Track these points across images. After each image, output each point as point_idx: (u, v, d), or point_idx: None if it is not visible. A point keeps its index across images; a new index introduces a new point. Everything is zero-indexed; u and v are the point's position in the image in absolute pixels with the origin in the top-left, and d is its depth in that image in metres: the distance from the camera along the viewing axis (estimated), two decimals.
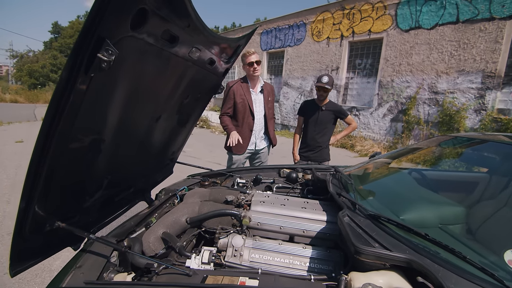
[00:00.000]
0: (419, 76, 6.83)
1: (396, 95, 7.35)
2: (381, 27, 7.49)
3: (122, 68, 0.86)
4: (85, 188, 1.10)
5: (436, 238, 0.87)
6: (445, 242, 0.86)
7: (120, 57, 0.82)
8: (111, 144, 1.12)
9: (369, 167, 1.87)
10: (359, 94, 8.52)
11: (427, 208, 1.18)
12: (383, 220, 1.01)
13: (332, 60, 8.91)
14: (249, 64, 2.47)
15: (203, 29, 1.11)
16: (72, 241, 1.13)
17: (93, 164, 1.05)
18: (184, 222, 1.22)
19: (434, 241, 0.83)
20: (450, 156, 1.95)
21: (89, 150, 0.96)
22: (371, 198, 1.29)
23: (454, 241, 1.03)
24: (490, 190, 1.48)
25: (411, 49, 6.90)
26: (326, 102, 2.87)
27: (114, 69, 0.83)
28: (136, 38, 0.82)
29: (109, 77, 0.82)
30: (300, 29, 9.90)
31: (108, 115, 0.95)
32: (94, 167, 1.07)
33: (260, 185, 1.89)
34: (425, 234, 0.84)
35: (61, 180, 0.90)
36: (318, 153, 2.88)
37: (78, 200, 1.08)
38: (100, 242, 0.95)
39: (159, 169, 1.88)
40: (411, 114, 7.01)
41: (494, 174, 1.57)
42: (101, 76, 0.78)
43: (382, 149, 7.45)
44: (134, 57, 0.88)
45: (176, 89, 1.37)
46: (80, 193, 1.06)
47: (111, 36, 0.69)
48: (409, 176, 1.65)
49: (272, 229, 1.20)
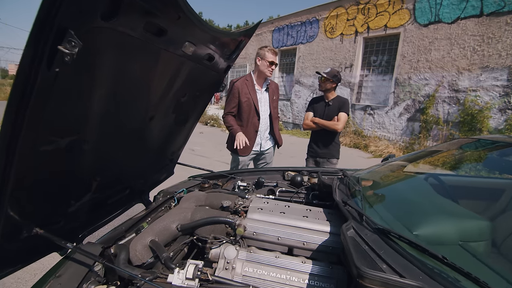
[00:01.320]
0: (438, 73, 6.47)
1: (413, 93, 7.01)
2: (398, 22, 7.15)
3: (98, 63, 0.78)
4: (70, 192, 1.03)
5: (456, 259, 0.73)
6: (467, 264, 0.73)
7: (92, 50, 0.74)
8: (97, 146, 1.05)
9: (381, 171, 1.73)
10: (374, 92, 8.21)
11: (446, 222, 1.03)
12: (393, 236, 0.88)
13: (346, 57, 8.63)
14: (270, 62, 2.40)
15: (197, 22, 1.01)
16: (58, 246, 1.07)
17: (77, 167, 0.99)
18: (174, 229, 1.14)
19: (454, 267, 0.70)
20: (472, 161, 1.77)
21: (69, 152, 0.89)
22: (382, 208, 1.16)
23: (477, 262, 0.88)
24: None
25: (430, 45, 6.55)
26: (334, 97, 2.78)
27: (87, 64, 0.75)
28: (111, 30, 0.73)
29: (82, 73, 0.75)
30: (312, 26, 9.67)
31: (88, 114, 0.88)
32: (78, 170, 1.01)
33: (262, 188, 1.79)
34: (443, 257, 0.71)
35: (37, 185, 0.84)
36: (326, 149, 2.78)
37: (62, 204, 1.01)
38: (78, 251, 0.88)
39: (158, 170, 1.81)
40: (429, 113, 6.66)
41: None
42: (71, 72, 0.70)
43: (398, 149, 7.14)
44: (112, 51, 0.80)
45: (170, 87, 1.29)
46: (63, 197, 1.00)
47: (75, 27, 0.61)
48: (426, 182, 1.49)
49: (269, 240, 1.10)
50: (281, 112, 11.35)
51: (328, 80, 2.68)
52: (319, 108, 2.81)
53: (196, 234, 1.15)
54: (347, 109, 2.73)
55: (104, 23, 0.70)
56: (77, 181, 1.05)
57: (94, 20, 0.66)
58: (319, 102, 2.85)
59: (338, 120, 2.68)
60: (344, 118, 2.69)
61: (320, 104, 2.83)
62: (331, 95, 2.77)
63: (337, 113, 2.70)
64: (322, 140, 2.78)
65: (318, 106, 2.83)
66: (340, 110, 2.70)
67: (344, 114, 2.69)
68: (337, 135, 2.79)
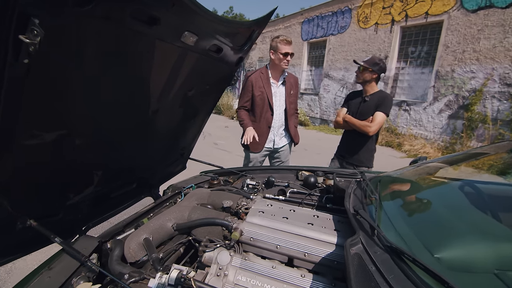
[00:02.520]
0: (487, 65, 5.74)
1: (456, 87, 6.32)
2: (441, 9, 6.45)
3: (81, 54, 0.74)
4: (67, 185, 1.03)
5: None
6: None
7: (72, 40, 0.69)
8: (95, 140, 1.03)
9: (406, 175, 1.53)
10: (411, 86, 7.57)
11: (479, 243, 0.85)
12: (407, 258, 0.74)
13: (380, 48, 8.04)
14: (284, 54, 2.22)
15: (197, 10, 0.93)
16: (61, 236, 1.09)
17: (72, 161, 0.98)
18: (170, 228, 1.09)
19: None
20: None
21: (58, 147, 0.87)
22: (401, 220, 1.00)
23: None
24: None
25: (479, 33, 5.81)
26: (374, 91, 2.28)
27: (67, 55, 0.71)
28: (90, 18, 0.68)
29: (62, 64, 0.71)
30: (344, 16, 9.14)
31: (75, 108, 0.85)
32: (74, 164, 1.00)
33: (272, 188, 1.70)
34: None
35: (26, 177, 0.84)
36: (356, 155, 2.35)
37: (59, 197, 1.02)
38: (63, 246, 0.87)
39: (168, 164, 1.80)
40: (475, 110, 5.97)
41: None
42: (48, 63, 0.67)
43: (436, 150, 6.53)
44: (96, 41, 0.75)
45: (173, 80, 1.23)
46: (59, 190, 1.00)
47: (40, 14, 0.56)
48: (460, 191, 1.28)
49: (266, 247, 1.01)
50: (309, 107, 11.02)
51: (367, 70, 2.18)
52: (354, 104, 2.35)
53: (193, 234, 1.10)
54: (387, 107, 2.20)
55: (79, 9, 0.64)
56: (75, 174, 1.05)
57: (65, 7, 0.61)
58: (356, 96, 2.39)
59: (372, 121, 2.19)
60: (380, 118, 2.16)
61: (355, 99, 2.37)
62: (370, 88, 2.27)
63: (373, 111, 2.20)
64: (352, 143, 2.36)
65: (354, 101, 2.36)
66: (378, 108, 2.19)
67: (381, 114, 2.17)
68: (370, 139, 2.29)
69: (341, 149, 2.52)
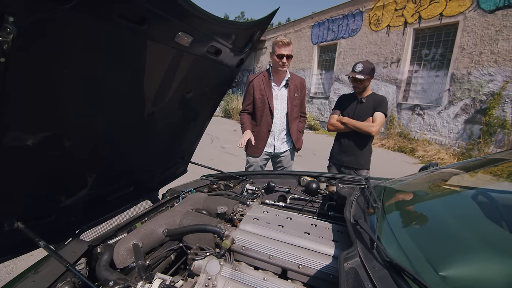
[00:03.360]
0: (507, 68, 5.48)
1: (473, 91, 6.07)
2: (456, 9, 6.24)
3: (65, 53, 0.72)
4: (58, 187, 1.02)
5: None
6: None
7: (55, 39, 0.68)
8: (86, 142, 1.02)
9: (415, 183, 1.44)
10: (425, 90, 7.34)
11: (491, 260, 0.77)
12: (407, 276, 0.67)
13: (393, 51, 7.86)
14: (278, 56, 2.14)
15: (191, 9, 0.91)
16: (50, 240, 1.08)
17: (61, 163, 0.96)
18: (161, 233, 1.06)
19: None
20: None
21: (46, 149, 0.86)
22: (404, 233, 0.93)
23: None
24: None
25: (497, 34, 5.57)
26: (368, 93, 2.33)
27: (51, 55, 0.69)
28: (70, 16, 0.66)
29: (45, 65, 0.69)
30: (355, 19, 9.01)
31: (62, 110, 0.83)
32: (64, 166, 0.99)
33: (273, 194, 1.64)
34: None
35: (12, 180, 0.82)
36: (354, 157, 2.34)
37: (49, 199, 1.00)
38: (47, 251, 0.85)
39: (168, 168, 1.78)
40: (493, 114, 5.70)
41: None
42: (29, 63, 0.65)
43: (451, 155, 6.27)
44: (82, 40, 0.74)
45: (168, 82, 1.21)
46: (49, 192, 0.99)
47: (15, 12, 0.54)
48: (472, 201, 1.18)
49: (259, 257, 0.95)
50: (319, 111, 10.89)
51: (367, 79, 2.23)
52: (350, 106, 2.36)
53: (185, 241, 1.06)
54: (385, 108, 2.25)
55: (61, 7, 0.63)
56: (67, 177, 1.03)
57: (43, 5, 0.59)
58: (350, 99, 2.41)
59: (373, 121, 2.23)
60: (381, 119, 2.22)
61: (350, 101, 2.38)
62: (365, 92, 2.33)
63: (371, 112, 2.25)
64: (351, 145, 2.33)
65: (348, 103, 2.38)
66: (376, 109, 2.24)
67: (381, 114, 2.22)
68: (370, 140, 2.33)
69: (337, 154, 2.45)
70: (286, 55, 2.13)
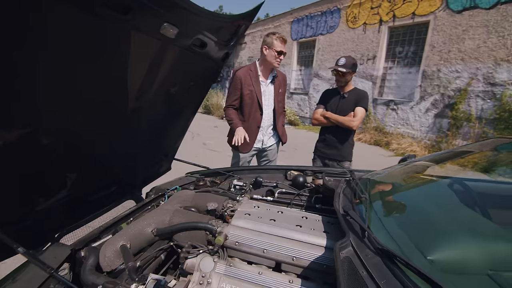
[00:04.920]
0: (472, 65, 5.88)
1: (442, 87, 6.45)
2: (427, 9, 6.57)
3: (39, 45, 0.66)
4: (35, 189, 0.95)
5: None
6: None
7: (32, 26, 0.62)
8: (65, 140, 0.95)
9: (396, 174, 1.51)
10: (399, 86, 7.68)
11: (472, 243, 0.82)
12: (399, 261, 0.70)
13: (369, 48, 8.13)
14: (279, 52, 2.15)
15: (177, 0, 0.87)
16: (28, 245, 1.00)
17: (38, 162, 0.89)
18: (150, 233, 1.02)
19: None
20: (509, 164, 1.49)
21: (22, 147, 0.79)
22: (392, 221, 0.97)
23: None
24: None
25: (464, 33, 5.94)
26: (350, 89, 2.42)
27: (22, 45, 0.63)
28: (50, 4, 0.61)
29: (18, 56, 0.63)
30: (333, 16, 9.19)
31: (38, 106, 0.77)
32: (41, 165, 0.92)
33: (260, 188, 1.64)
34: None
35: None
36: (337, 150, 2.44)
37: (25, 202, 0.93)
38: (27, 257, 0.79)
39: (151, 165, 1.72)
40: (460, 109, 6.10)
41: None
42: None
43: (423, 148, 6.65)
44: (61, 29, 0.68)
45: (153, 76, 1.16)
46: (25, 194, 0.92)
47: None
48: (449, 189, 1.26)
49: (253, 252, 0.95)
50: (299, 106, 11.04)
51: (348, 73, 2.32)
52: (332, 101, 2.45)
53: (175, 240, 1.03)
54: (366, 103, 2.35)
55: None
56: (45, 177, 0.96)
57: None
58: (333, 94, 2.49)
59: (354, 116, 2.32)
60: (362, 113, 2.31)
61: (333, 96, 2.47)
62: (347, 87, 2.41)
63: (353, 107, 2.33)
64: (334, 139, 2.44)
65: (331, 99, 2.47)
66: (357, 104, 2.32)
67: (361, 109, 2.31)
68: (351, 133, 2.44)
69: (321, 147, 2.56)
70: (284, 52, 2.17)
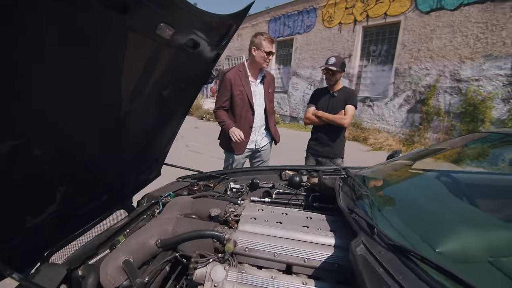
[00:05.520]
0: (440, 63, 6.28)
1: (414, 83, 6.82)
2: (398, 10, 6.90)
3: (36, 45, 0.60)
4: (23, 205, 0.86)
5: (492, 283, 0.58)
6: None
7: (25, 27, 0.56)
8: (56, 150, 0.87)
9: (388, 170, 1.57)
10: (373, 83, 8.01)
11: (472, 234, 0.88)
12: (414, 256, 0.72)
13: (344, 47, 8.39)
14: (268, 53, 2.15)
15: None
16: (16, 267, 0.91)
17: (28, 176, 0.82)
18: (153, 245, 0.97)
19: None
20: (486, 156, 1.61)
21: (12, 160, 0.71)
22: (394, 216, 1.00)
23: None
24: None
25: (432, 33, 6.32)
26: (339, 87, 2.50)
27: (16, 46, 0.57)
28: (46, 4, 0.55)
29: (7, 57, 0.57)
30: (310, 15, 9.37)
31: (31, 113, 0.70)
32: (31, 179, 0.84)
33: (257, 190, 1.63)
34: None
35: None
36: (329, 148, 2.50)
37: (12, 219, 0.84)
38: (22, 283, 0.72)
39: (142, 171, 1.64)
40: (430, 104, 6.49)
41: None
42: None
43: (397, 142, 7.00)
44: (58, 30, 0.62)
45: (147, 78, 1.10)
46: (12, 211, 0.83)
47: None
48: (439, 182, 1.33)
49: (264, 257, 0.94)
50: (278, 105, 11.14)
51: (338, 72, 2.39)
52: (323, 100, 2.51)
53: (180, 250, 0.99)
54: (355, 101, 2.44)
55: None
56: (33, 191, 0.88)
57: None
58: (323, 93, 2.56)
59: (345, 114, 2.40)
60: (352, 111, 2.41)
61: (323, 95, 2.54)
62: (337, 85, 2.49)
63: (343, 105, 2.42)
64: (325, 136, 2.50)
65: (321, 98, 2.53)
66: (347, 102, 2.41)
67: (352, 107, 2.40)
68: (342, 131, 2.52)
69: (313, 145, 2.62)
70: (272, 52, 2.18)
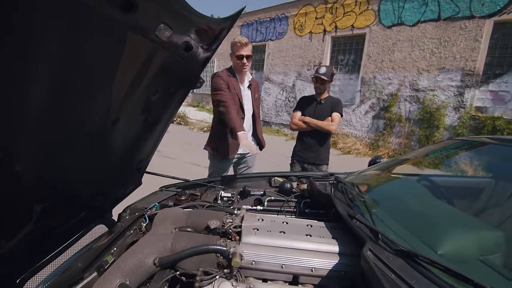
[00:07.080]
0: (400, 73, 6.83)
1: (378, 92, 7.33)
2: (364, 23, 7.40)
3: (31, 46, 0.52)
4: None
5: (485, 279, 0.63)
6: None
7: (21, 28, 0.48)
8: (37, 163, 0.77)
9: (373, 175, 1.64)
10: (342, 90, 8.44)
11: (464, 235, 0.94)
12: (424, 260, 0.75)
13: (315, 55, 8.74)
14: (237, 57, 2.09)
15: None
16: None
17: (6, 194, 0.70)
18: (151, 264, 0.89)
19: None
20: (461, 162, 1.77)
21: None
22: (392, 221, 1.04)
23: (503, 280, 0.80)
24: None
25: (394, 46, 6.87)
26: (326, 96, 2.57)
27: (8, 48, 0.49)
28: None
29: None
30: (282, 23, 9.62)
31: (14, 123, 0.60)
32: (9, 198, 0.72)
33: (248, 198, 1.60)
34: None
35: None
36: (315, 154, 2.54)
37: None
38: None
39: (124, 183, 1.51)
40: (392, 111, 7.02)
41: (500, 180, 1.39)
42: None
43: (364, 146, 7.43)
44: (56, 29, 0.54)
45: (139, 82, 1.02)
46: None
47: None
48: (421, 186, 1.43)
49: (271, 269, 0.91)
50: None
51: (328, 81, 2.45)
52: (310, 107, 2.56)
53: (179, 267, 0.92)
54: (341, 109, 2.51)
55: None
56: (9, 213, 0.75)
57: None
58: (309, 100, 2.60)
59: (332, 121, 2.46)
60: (339, 118, 2.47)
61: (310, 102, 2.58)
62: (324, 94, 2.56)
63: (329, 113, 2.48)
64: (312, 143, 2.53)
65: (309, 105, 2.58)
66: (334, 110, 2.48)
67: (338, 115, 2.47)
68: (328, 137, 2.58)
69: (299, 151, 2.63)
70: (246, 55, 2.09)
